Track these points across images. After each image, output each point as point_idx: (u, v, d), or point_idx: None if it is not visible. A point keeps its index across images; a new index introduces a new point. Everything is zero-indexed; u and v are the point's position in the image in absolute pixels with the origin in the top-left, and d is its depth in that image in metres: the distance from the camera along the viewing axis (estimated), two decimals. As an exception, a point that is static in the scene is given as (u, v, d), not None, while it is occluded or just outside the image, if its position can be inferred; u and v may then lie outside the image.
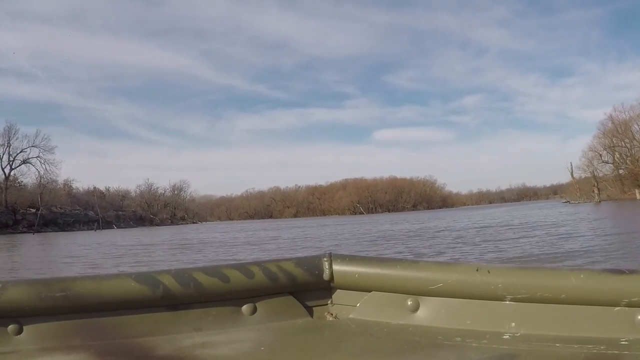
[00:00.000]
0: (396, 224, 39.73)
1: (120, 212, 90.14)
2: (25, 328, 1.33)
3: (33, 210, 67.34)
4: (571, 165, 79.28)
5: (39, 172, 73.46)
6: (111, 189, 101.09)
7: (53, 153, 74.78)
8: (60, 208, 74.13)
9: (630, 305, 1.28)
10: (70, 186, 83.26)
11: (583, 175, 77.40)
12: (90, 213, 78.14)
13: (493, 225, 26.47)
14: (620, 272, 1.32)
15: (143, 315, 1.41)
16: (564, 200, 74.27)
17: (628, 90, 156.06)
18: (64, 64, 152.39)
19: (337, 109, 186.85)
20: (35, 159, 73.23)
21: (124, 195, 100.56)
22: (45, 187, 72.53)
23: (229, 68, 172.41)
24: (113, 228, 76.68)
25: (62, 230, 67.39)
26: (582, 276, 1.32)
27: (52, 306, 1.33)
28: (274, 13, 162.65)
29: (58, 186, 77.94)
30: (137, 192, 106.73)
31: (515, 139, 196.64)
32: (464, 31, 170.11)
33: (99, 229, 71.37)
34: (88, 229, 70.69)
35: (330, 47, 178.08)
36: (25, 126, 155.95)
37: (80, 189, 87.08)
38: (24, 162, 73.27)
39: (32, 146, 72.97)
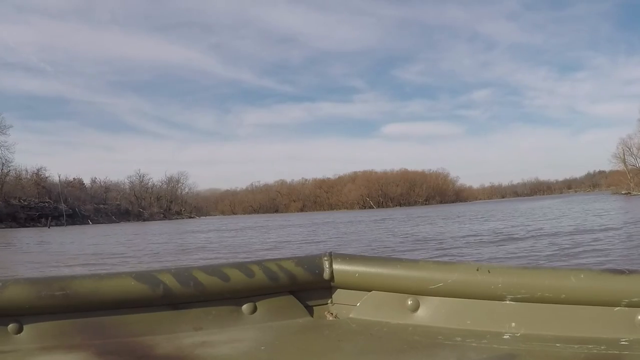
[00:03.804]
0: (426, 221, 28.96)
1: (102, 206, 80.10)
2: (25, 327, 1.32)
3: (-16, 203, 57.02)
4: (623, 152, 67.82)
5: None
6: (98, 180, 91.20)
7: (6, 134, 63.99)
8: (23, 200, 63.79)
9: (630, 305, 1.27)
10: (39, 175, 72.71)
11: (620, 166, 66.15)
12: (62, 206, 67.96)
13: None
14: (620, 272, 1.31)
15: (143, 314, 1.40)
16: (623, 192, 62.88)
17: (638, 85, 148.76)
18: (72, 59, 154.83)
19: (346, 103, 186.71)
20: (-17, 140, 62.11)
21: (107, 187, 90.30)
22: (6, 175, 62.10)
23: (237, 62, 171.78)
24: (88, 224, 66.66)
25: (23, 226, 57.48)
26: (582, 276, 1.31)
27: (52, 305, 1.32)
28: (282, 6, 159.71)
29: (23, 175, 67.60)
30: (128, 183, 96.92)
31: (525, 133, 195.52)
32: (473, 25, 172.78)
33: (62, 224, 61.13)
34: (57, 225, 60.72)
35: (338, 40, 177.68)
36: (35, 121, 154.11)
37: (56, 180, 76.70)
38: (-31, 144, 61.83)
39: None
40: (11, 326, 1.30)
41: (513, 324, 1.35)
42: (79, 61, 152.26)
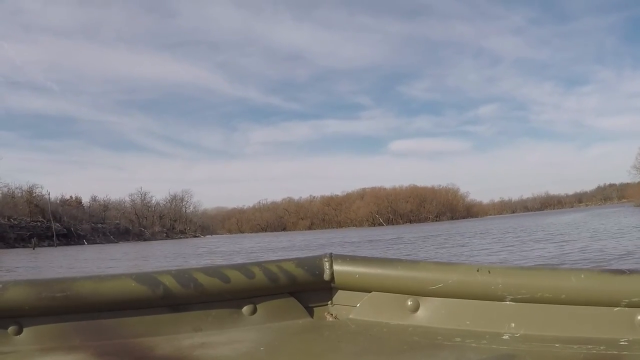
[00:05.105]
0: (456, 242, 25.08)
1: (100, 225, 76.60)
2: (25, 329, 1.32)
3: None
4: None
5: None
6: (98, 199, 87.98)
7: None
8: (14, 219, 60.44)
9: (630, 305, 1.28)
10: (31, 193, 69.47)
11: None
12: (56, 226, 64.55)
13: None
14: (620, 272, 1.31)
15: (143, 315, 1.41)
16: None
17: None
18: (78, 77, 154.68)
19: (353, 120, 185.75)
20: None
21: (106, 206, 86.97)
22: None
23: (243, 80, 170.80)
24: (83, 244, 63.16)
25: (12, 246, 54.07)
26: (582, 276, 1.32)
27: (52, 306, 1.32)
28: (288, 25, 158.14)
29: (17, 193, 64.34)
30: (129, 202, 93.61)
31: (532, 148, 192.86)
32: (478, 40, 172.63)
33: (53, 245, 57.56)
34: (49, 245, 57.30)
35: (344, 58, 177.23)
36: (41, 140, 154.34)
37: (53, 198, 73.48)
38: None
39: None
40: (11, 328, 1.30)
41: (513, 325, 1.35)
42: (85, 80, 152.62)
